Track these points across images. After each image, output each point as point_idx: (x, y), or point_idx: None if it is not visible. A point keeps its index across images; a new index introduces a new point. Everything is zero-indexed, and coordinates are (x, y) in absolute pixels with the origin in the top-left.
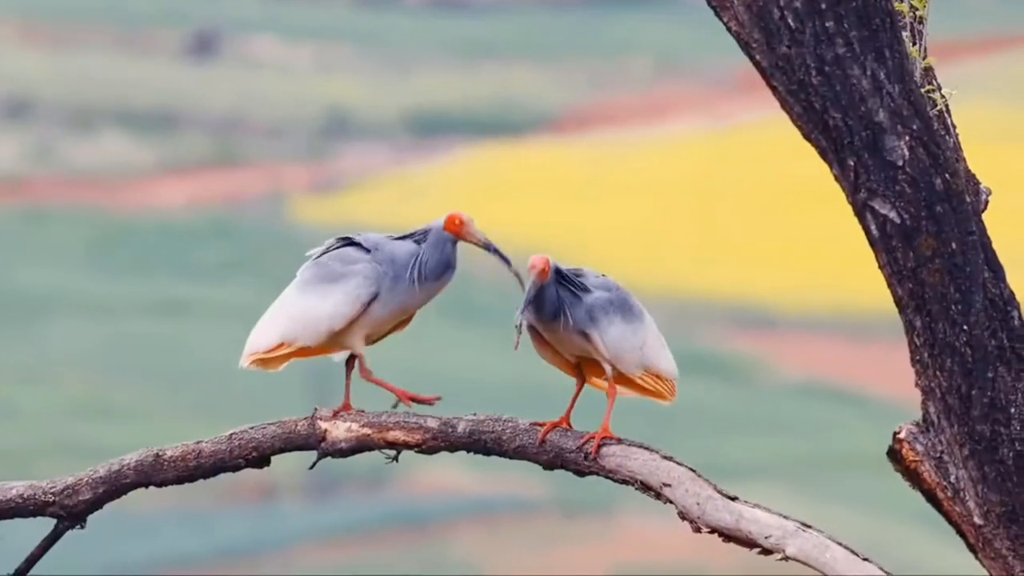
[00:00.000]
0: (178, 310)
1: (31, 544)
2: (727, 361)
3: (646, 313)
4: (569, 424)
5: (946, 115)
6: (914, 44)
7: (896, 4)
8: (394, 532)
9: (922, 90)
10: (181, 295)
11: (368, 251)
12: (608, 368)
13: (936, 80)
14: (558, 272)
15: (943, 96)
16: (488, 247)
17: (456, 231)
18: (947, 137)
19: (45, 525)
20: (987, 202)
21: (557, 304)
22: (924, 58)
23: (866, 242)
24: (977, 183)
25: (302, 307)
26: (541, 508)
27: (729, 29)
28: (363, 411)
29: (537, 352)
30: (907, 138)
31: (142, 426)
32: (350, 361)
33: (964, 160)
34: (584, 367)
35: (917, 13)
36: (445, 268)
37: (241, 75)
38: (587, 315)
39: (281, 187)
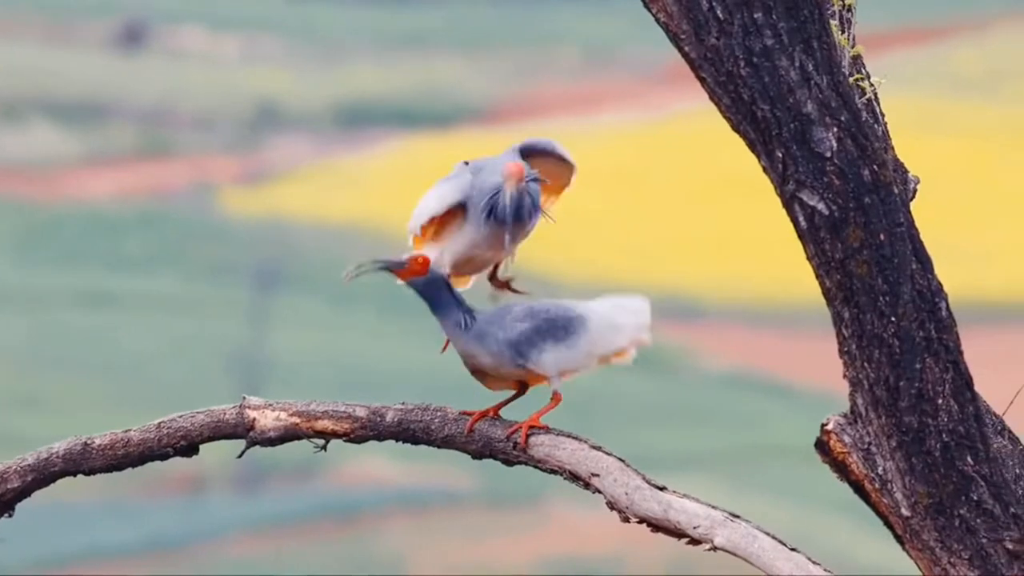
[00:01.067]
0: (106, 301)
1: None
2: (654, 351)
3: (588, 316)
4: (498, 415)
5: (875, 103)
6: (843, 32)
7: None
8: (323, 523)
9: (851, 79)
10: (109, 286)
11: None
12: (555, 382)
13: (865, 68)
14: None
15: (872, 84)
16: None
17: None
18: (876, 126)
19: None
20: (915, 191)
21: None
22: (853, 46)
23: (794, 233)
24: (905, 172)
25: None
26: (469, 499)
27: (658, 20)
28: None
29: (477, 379)
30: (835, 129)
31: (69, 417)
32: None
33: (892, 149)
34: (528, 376)
35: (846, 1)
36: (516, 212)
37: (169, 66)
38: (514, 352)
39: (209, 178)
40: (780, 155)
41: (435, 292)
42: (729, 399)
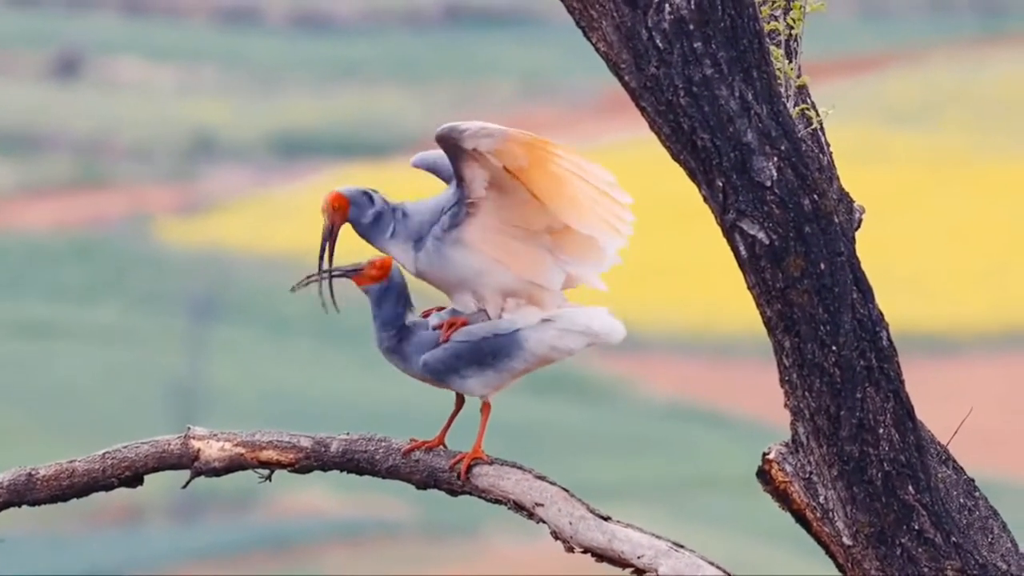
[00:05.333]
0: (42, 332)
1: None
2: (591, 382)
3: (525, 338)
4: (444, 444)
5: (820, 133)
6: (789, 62)
7: (772, 23)
8: (260, 554)
9: (797, 108)
10: (45, 317)
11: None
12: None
13: (811, 98)
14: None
15: (818, 114)
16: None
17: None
18: (821, 156)
19: None
20: (861, 220)
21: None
22: (799, 76)
23: (731, 262)
24: (851, 202)
25: None
26: (407, 530)
27: (598, 50)
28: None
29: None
30: (775, 159)
31: (5, 448)
32: None
33: (838, 178)
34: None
35: (792, 31)
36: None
37: (105, 97)
38: (435, 379)
39: (146, 209)
40: (720, 184)
41: (385, 299)
42: (666, 429)
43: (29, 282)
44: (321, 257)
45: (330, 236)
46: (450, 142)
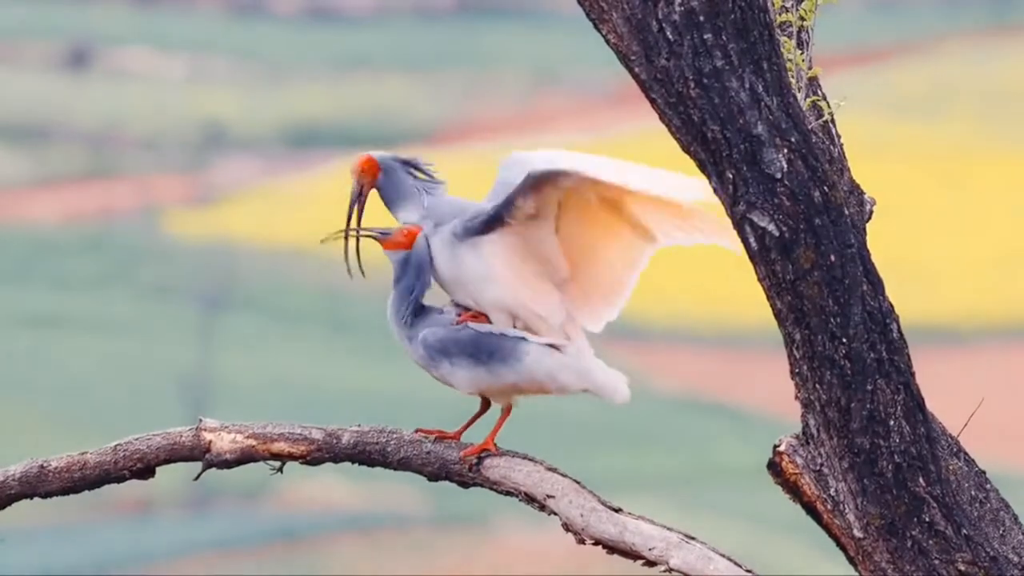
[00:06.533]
0: (51, 323)
1: None
2: None
3: (526, 353)
4: (459, 438)
5: (831, 125)
6: (802, 52)
7: (784, 14)
8: (271, 546)
9: (809, 99)
10: (54, 308)
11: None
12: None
13: (821, 90)
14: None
15: (829, 105)
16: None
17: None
18: (832, 147)
19: None
20: (871, 212)
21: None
22: (810, 67)
23: (742, 255)
24: (862, 193)
25: None
26: (419, 521)
27: (608, 41)
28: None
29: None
30: (785, 151)
31: (15, 440)
32: None
33: (848, 170)
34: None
35: (804, 23)
36: None
37: (115, 88)
38: (427, 357)
39: (155, 200)
40: (730, 176)
41: (407, 269)
42: (676, 421)
43: (38, 274)
44: (349, 218)
45: (358, 199)
46: (546, 178)
